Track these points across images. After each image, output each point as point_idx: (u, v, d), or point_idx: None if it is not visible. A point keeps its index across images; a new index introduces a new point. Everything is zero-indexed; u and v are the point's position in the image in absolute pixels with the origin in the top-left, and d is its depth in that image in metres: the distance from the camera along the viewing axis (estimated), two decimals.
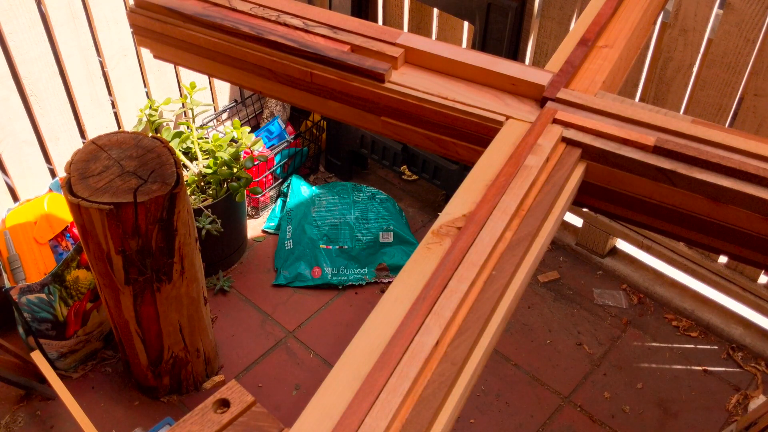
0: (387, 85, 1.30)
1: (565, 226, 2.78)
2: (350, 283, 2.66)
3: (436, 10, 2.67)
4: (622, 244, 2.71)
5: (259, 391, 2.32)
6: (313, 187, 2.94)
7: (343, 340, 2.48)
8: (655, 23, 1.69)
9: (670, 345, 2.46)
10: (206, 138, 2.69)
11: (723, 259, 2.42)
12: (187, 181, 2.51)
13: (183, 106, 2.71)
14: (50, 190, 2.40)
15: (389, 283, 2.63)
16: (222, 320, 2.53)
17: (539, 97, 1.27)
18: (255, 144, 2.71)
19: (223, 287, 2.63)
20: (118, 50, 2.47)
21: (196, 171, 2.53)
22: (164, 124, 2.64)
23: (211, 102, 2.91)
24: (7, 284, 2.15)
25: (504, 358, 2.42)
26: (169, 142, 2.41)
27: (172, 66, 2.67)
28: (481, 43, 2.34)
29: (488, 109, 1.26)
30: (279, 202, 2.97)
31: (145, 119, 2.58)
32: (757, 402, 2.28)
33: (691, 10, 2.02)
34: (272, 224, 2.89)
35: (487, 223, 1.05)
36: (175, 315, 2.03)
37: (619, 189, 1.19)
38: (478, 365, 0.94)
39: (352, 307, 2.60)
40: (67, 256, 2.13)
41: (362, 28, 1.38)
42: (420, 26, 2.76)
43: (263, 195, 2.91)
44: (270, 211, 2.96)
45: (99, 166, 1.79)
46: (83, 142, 2.23)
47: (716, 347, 2.45)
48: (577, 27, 1.40)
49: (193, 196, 2.51)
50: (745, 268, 2.36)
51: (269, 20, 1.41)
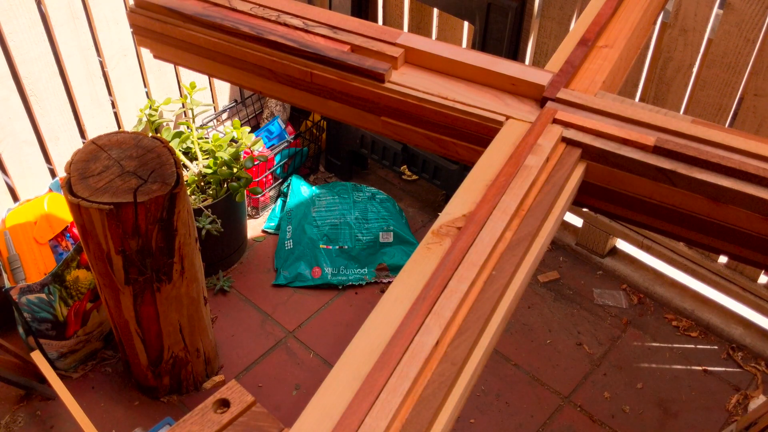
0: (387, 85, 1.30)
1: (565, 226, 2.78)
2: (350, 283, 2.66)
3: (436, 10, 2.67)
4: (622, 244, 2.71)
5: (259, 391, 2.32)
6: (313, 187, 2.94)
7: (343, 340, 2.48)
8: (655, 23, 1.69)
9: (670, 345, 2.46)
10: (206, 138, 2.69)
11: (723, 259, 2.42)
12: (187, 181, 2.51)
13: (183, 106, 2.71)
14: (50, 190, 2.40)
15: (389, 283, 2.62)
16: (222, 320, 2.53)
17: (539, 97, 1.27)
18: (255, 144, 2.71)
19: (223, 287, 2.63)
20: (118, 50, 2.47)
21: (196, 171, 2.53)
22: (164, 124, 2.64)
23: (211, 102, 2.91)
24: (7, 284, 2.15)
25: (504, 358, 2.42)
26: (169, 142, 2.41)
27: (172, 66, 2.67)
28: (481, 43, 2.34)
29: (488, 109, 1.26)
30: (279, 202, 2.97)
31: (145, 119, 2.58)
32: (757, 402, 2.27)
33: (691, 10, 2.03)
34: (272, 224, 2.89)
35: (487, 223, 1.05)
36: (175, 315, 2.03)
37: (619, 189, 1.19)
38: (478, 365, 0.94)
39: (352, 307, 2.60)
40: (67, 256, 2.13)
41: (362, 28, 1.38)
42: (420, 26, 2.76)
43: (263, 195, 2.91)
44: (270, 211, 2.96)
45: (99, 166, 1.79)
46: (83, 142, 2.23)
47: (716, 347, 2.45)
48: (577, 27, 1.40)
49: (193, 196, 2.51)
50: (745, 268, 2.36)
51: (269, 20, 1.41)
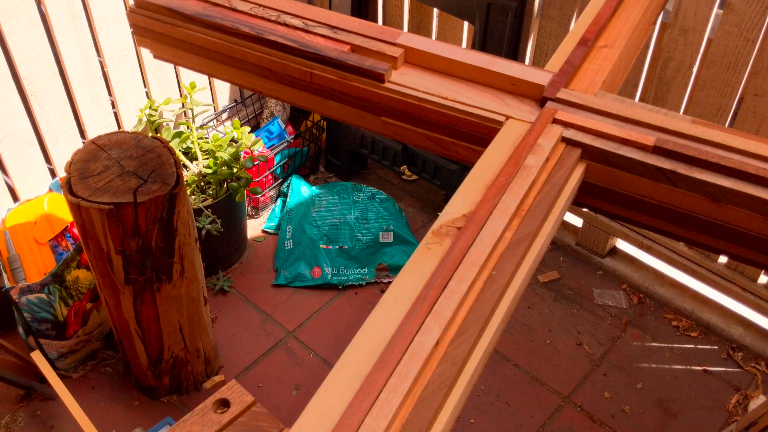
0: (387, 85, 1.30)
1: (565, 226, 2.78)
2: (350, 283, 2.66)
3: (436, 10, 2.67)
4: (622, 244, 2.71)
5: (259, 391, 2.32)
6: (313, 187, 2.94)
7: (343, 340, 2.48)
8: (655, 23, 1.68)
9: (670, 345, 2.46)
10: (206, 138, 2.69)
11: (723, 259, 2.42)
12: (187, 181, 2.51)
13: (183, 106, 2.70)
14: (50, 190, 2.40)
15: (389, 283, 2.62)
16: (222, 320, 2.53)
17: (539, 97, 1.27)
18: (255, 144, 2.71)
19: (223, 287, 2.63)
20: (118, 50, 2.47)
21: (196, 171, 2.53)
22: (164, 124, 2.64)
23: (211, 102, 2.91)
24: (7, 284, 2.15)
25: (504, 358, 2.42)
26: (169, 142, 2.41)
27: (172, 66, 2.67)
28: (481, 43, 2.34)
29: (488, 109, 1.26)
30: (279, 202, 2.97)
31: (145, 119, 2.58)
32: (757, 402, 2.27)
33: (691, 10, 2.02)
34: (272, 224, 2.89)
35: (487, 223, 1.05)
36: (175, 315, 2.03)
37: (619, 189, 1.19)
38: (478, 365, 0.94)
39: (352, 307, 2.60)
40: (67, 256, 2.13)
41: (362, 28, 1.38)
42: (420, 26, 2.76)
43: (263, 195, 2.91)
44: (270, 211, 2.96)
45: (99, 166, 1.79)
46: (83, 142, 2.23)
47: (716, 347, 2.45)
48: (577, 27, 1.40)
49: (193, 196, 2.51)
50: (745, 268, 2.35)
51: (269, 20, 1.41)
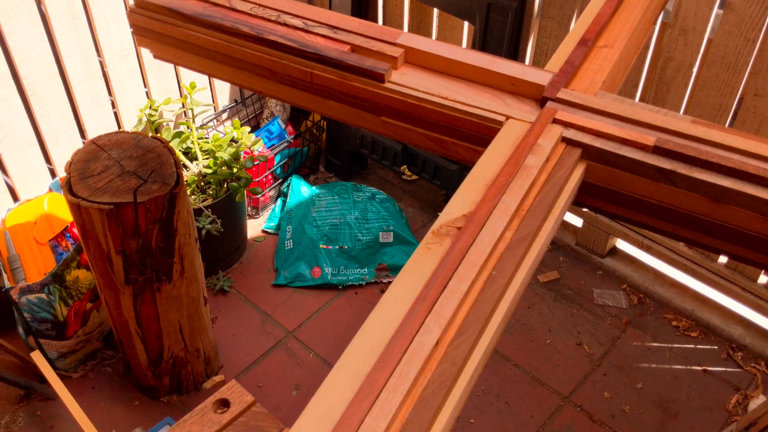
0: (387, 85, 1.30)
1: (565, 226, 2.78)
2: (350, 283, 2.66)
3: (436, 10, 2.67)
4: (622, 244, 2.71)
5: (259, 391, 2.32)
6: (313, 187, 2.94)
7: (343, 340, 2.48)
8: (655, 23, 1.68)
9: (670, 345, 2.46)
10: (206, 138, 2.69)
11: (723, 259, 2.42)
12: (187, 181, 2.51)
13: (183, 106, 2.70)
14: (50, 190, 2.40)
15: (389, 283, 2.62)
16: (222, 320, 2.53)
17: (539, 97, 1.27)
18: (255, 144, 2.71)
19: (223, 287, 2.63)
20: (118, 50, 2.47)
21: (196, 171, 2.53)
22: (164, 124, 2.64)
23: (211, 102, 2.91)
24: (7, 284, 2.15)
25: (504, 358, 2.42)
26: (169, 142, 2.41)
27: (172, 66, 2.67)
28: (481, 43, 2.34)
29: (488, 109, 1.26)
30: (279, 202, 2.97)
31: (145, 119, 2.58)
32: (757, 402, 2.27)
33: (691, 10, 2.02)
34: (272, 224, 2.89)
35: (487, 223, 1.05)
36: (175, 315, 2.03)
37: (619, 189, 1.19)
38: (478, 365, 0.93)
39: (352, 307, 2.60)
40: (67, 256, 2.13)
41: (362, 28, 1.38)
42: (420, 26, 2.76)
43: (263, 195, 2.91)
44: (270, 211, 2.96)
45: (99, 166, 1.79)
46: (83, 142, 2.23)
47: (716, 347, 2.45)
48: (577, 27, 1.40)
49: (193, 196, 2.51)
50: (745, 268, 2.35)
51: (269, 20, 1.41)
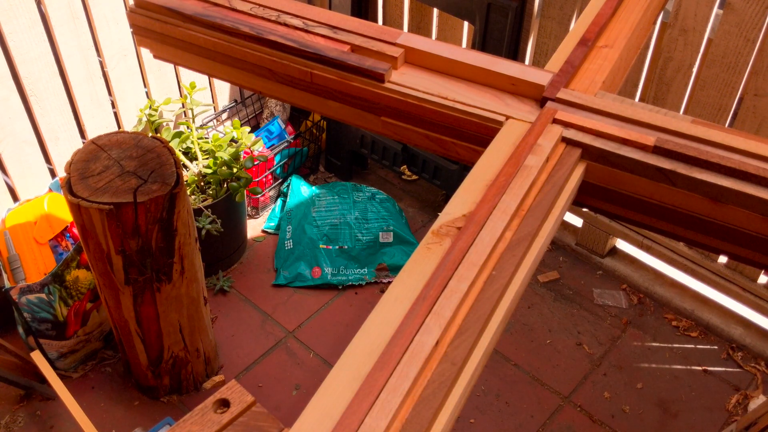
0: (387, 85, 1.30)
1: (565, 226, 2.78)
2: (350, 283, 2.66)
3: (436, 10, 2.67)
4: (622, 244, 2.71)
5: (259, 391, 2.32)
6: (313, 187, 2.94)
7: (343, 340, 2.48)
8: (655, 23, 1.68)
9: (670, 345, 2.46)
10: (206, 138, 2.69)
11: (723, 259, 2.42)
12: (187, 181, 2.51)
13: (183, 106, 2.70)
14: (50, 190, 2.40)
15: (389, 283, 2.62)
16: (222, 320, 2.53)
17: (539, 97, 1.27)
18: (255, 144, 2.71)
19: (223, 287, 2.63)
20: (118, 50, 2.47)
21: (196, 171, 2.53)
22: (164, 124, 2.64)
23: (211, 102, 2.91)
24: (7, 284, 2.15)
25: (504, 358, 2.42)
26: (169, 142, 2.41)
27: (172, 66, 2.67)
28: (481, 43, 2.34)
29: (488, 109, 1.26)
30: (279, 202, 2.97)
31: (145, 119, 2.58)
32: (757, 402, 2.27)
33: (691, 10, 2.02)
34: (272, 224, 2.89)
35: (487, 223, 1.05)
36: (175, 315, 2.03)
37: (619, 189, 1.19)
38: (478, 365, 0.93)
39: (352, 307, 2.60)
40: (67, 256, 2.13)
41: (362, 28, 1.38)
42: (420, 26, 2.76)
43: (263, 195, 2.91)
44: (270, 211, 2.96)
45: (99, 166, 1.79)
46: (83, 142, 2.23)
47: (716, 347, 2.45)
48: (577, 27, 1.40)
49: (193, 196, 2.51)
50: (745, 268, 2.35)
51: (269, 20, 1.41)
